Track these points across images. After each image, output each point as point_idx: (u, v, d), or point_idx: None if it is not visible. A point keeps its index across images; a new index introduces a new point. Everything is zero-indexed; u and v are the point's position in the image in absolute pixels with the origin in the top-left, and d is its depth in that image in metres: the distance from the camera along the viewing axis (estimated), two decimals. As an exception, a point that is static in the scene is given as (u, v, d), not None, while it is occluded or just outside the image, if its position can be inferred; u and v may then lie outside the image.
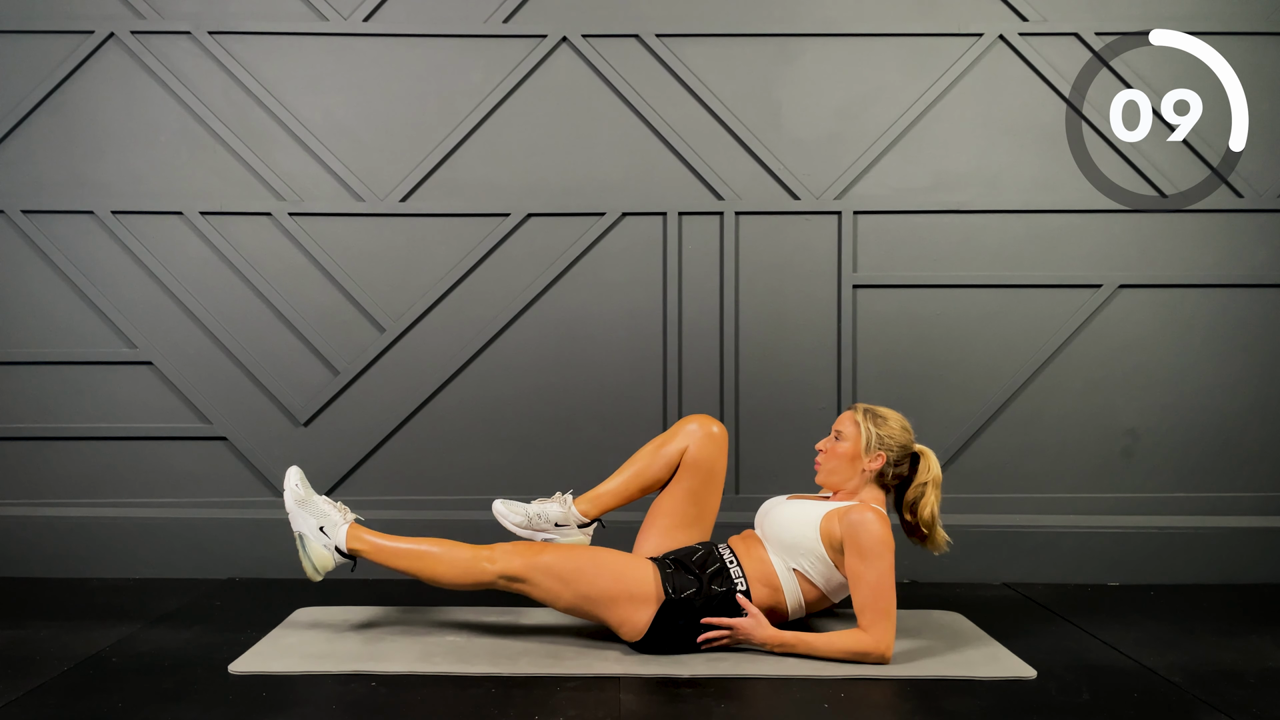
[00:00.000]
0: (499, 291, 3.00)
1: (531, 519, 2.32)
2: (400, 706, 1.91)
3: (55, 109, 2.97)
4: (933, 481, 2.27)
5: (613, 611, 2.19)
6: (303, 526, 2.31)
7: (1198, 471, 3.01)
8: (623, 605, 2.18)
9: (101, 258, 2.98)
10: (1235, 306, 3.01)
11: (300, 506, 2.32)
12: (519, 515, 2.32)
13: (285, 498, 2.34)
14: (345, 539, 2.29)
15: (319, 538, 2.29)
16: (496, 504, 2.34)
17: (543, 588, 2.20)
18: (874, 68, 3.01)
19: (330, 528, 2.30)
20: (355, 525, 2.32)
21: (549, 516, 2.33)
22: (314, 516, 2.31)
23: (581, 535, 2.35)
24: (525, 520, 2.32)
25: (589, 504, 2.35)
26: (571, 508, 2.34)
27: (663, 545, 2.35)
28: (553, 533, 2.32)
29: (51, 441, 2.98)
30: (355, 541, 2.29)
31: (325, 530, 2.30)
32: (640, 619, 2.18)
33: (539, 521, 2.32)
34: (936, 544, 2.29)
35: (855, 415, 2.30)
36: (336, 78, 2.99)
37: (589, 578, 2.19)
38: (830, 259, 3.01)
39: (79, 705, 1.91)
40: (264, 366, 2.99)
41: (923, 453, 2.30)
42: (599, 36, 3.00)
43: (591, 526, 2.36)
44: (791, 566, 2.23)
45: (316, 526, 2.30)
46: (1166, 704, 1.96)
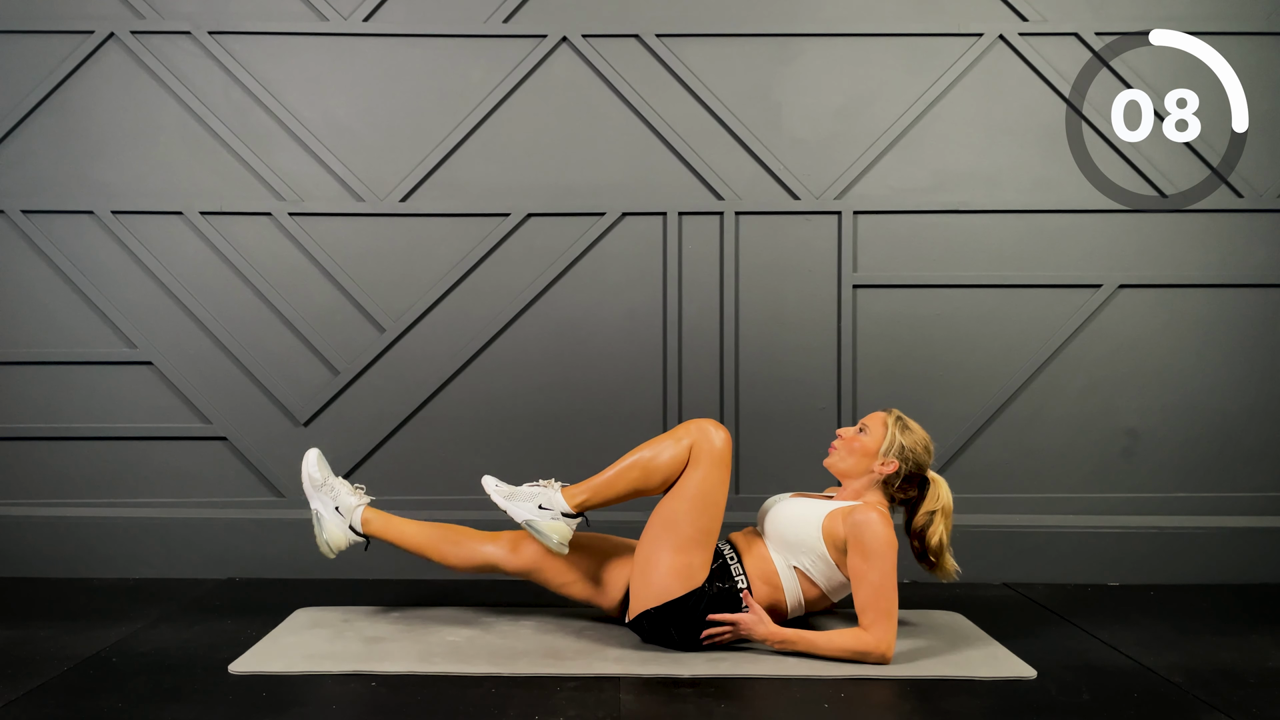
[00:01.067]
0: (499, 291, 3.00)
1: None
2: (400, 706, 1.91)
3: (55, 109, 2.97)
4: (941, 511, 2.27)
5: (672, 558, 2.18)
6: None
7: (1198, 471, 3.01)
8: (683, 563, 2.18)
9: (101, 258, 2.98)
10: (1235, 306, 3.01)
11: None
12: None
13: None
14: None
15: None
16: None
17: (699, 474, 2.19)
18: (874, 68, 3.01)
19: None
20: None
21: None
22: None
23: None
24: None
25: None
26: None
27: None
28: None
29: (51, 441, 2.98)
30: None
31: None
32: (674, 588, 2.18)
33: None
34: (945, 572, 2.29)
35: (887, 417, 2.30)
36: (336, 78, 2.99)
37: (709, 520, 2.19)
38: (830, 259, 3.01)
39: (79, 705, 1.91)
40: (264, 366, 2.99)
41: (934, 480, 2.29)
42: (599, 36, 3.00)
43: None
44: (792, 564, 2.23)
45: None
46: (1166, 704, 1.96)
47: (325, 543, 2.38)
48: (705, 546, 2.21)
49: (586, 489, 2.26)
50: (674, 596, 2.18)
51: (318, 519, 2.39)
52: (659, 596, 2.19)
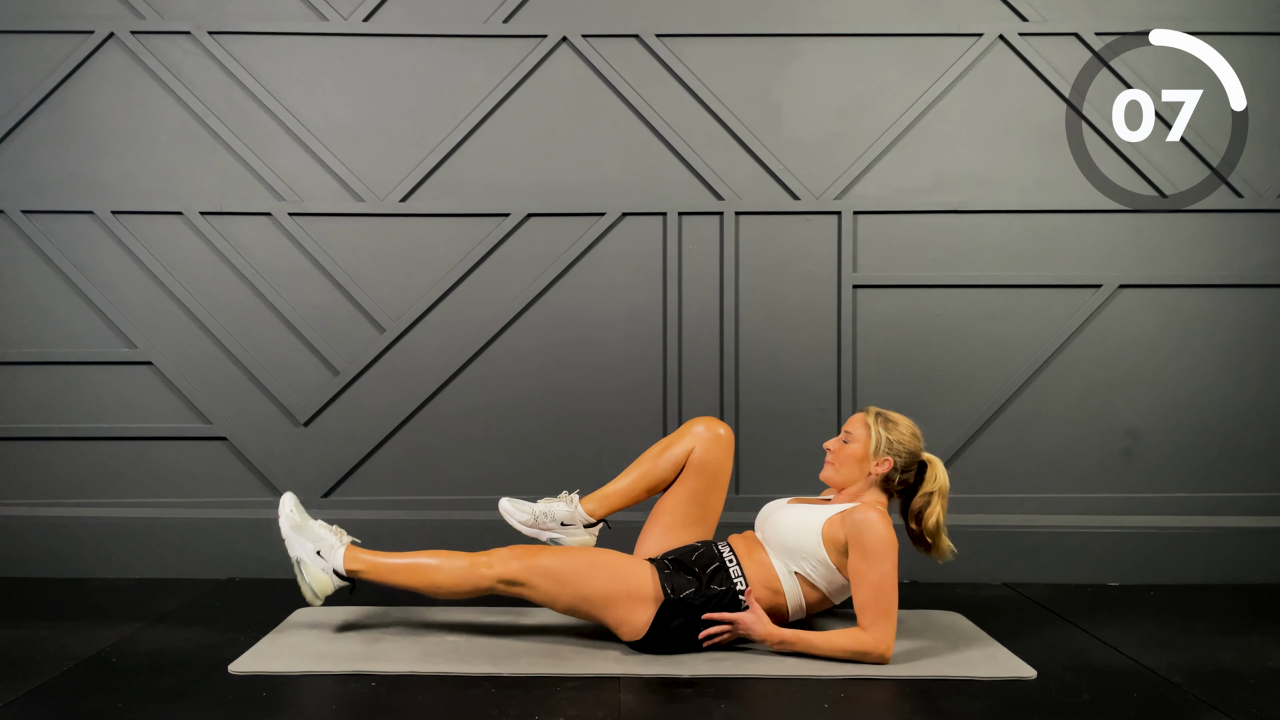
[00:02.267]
0: (499, 292, 3.00)
1: (538, 518, 2.34)
2: (400, 706, 1.91)
3: (55, 109, 2.97)
4: (939, 491, 2.27)
5: (611, 612, 2.19)
6: (299, 552, 2.29)
7: (1198, 471, 3.01)
8: (621, 605, 2.18)
9: (101, 258, 2.98)
10: (1235, 306, 3.01)
11: (296, 532, 2.30)
12: (525, 514, 2.34)
13: (281, 524, 2.31)
14: (343, 561, 2.27)
15: (316, 562, 2.28)
16: (503, 502, 2.36)
17: (541, 590, 2.20)
18: (874, 68, 3.01)
19: (327, 551, 2.28)
20: (352, 547, 2.30)
21: (555, 515, 2.35)
22: (310, 541, 2.29)
23: (587, 535, 2.36)
24: (531, 519, 2.34)
25: (596, 504, 2.36)
26: (578, 507, 2.35)
27: (664, 545, 2.36)
28: (559, 532, 2.33)
29: (51, 441, 2.98)
30: (353, 563, 2.27)
31: (322, 554, 2.28)
32: (639, 619, 2.18)
33: (545, 520, 2.34)
34: (941, 553, 2.29)
35: (866, 418, 2.30)
36: (336, 78, 2.99)
37: (586, 579, 2.19)
38: (830, 259, 3.01)
39: (79, 705, 1.91)
40: (264, 366, 2.99)
41: (930, 461, 2.30)
42: (599, 36, 3.00)
43: (597, 527, 2.38)
44: (793, 569, 2.23)
45: (314, 551, 2.28)
46: (1166, 704, 1.96)
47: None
48: (622, 577, 2.19)
49: (368, 562, 2.26)
50: (649, 621, 2.18)
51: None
52: (639, 630, 2.19)
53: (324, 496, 2.99)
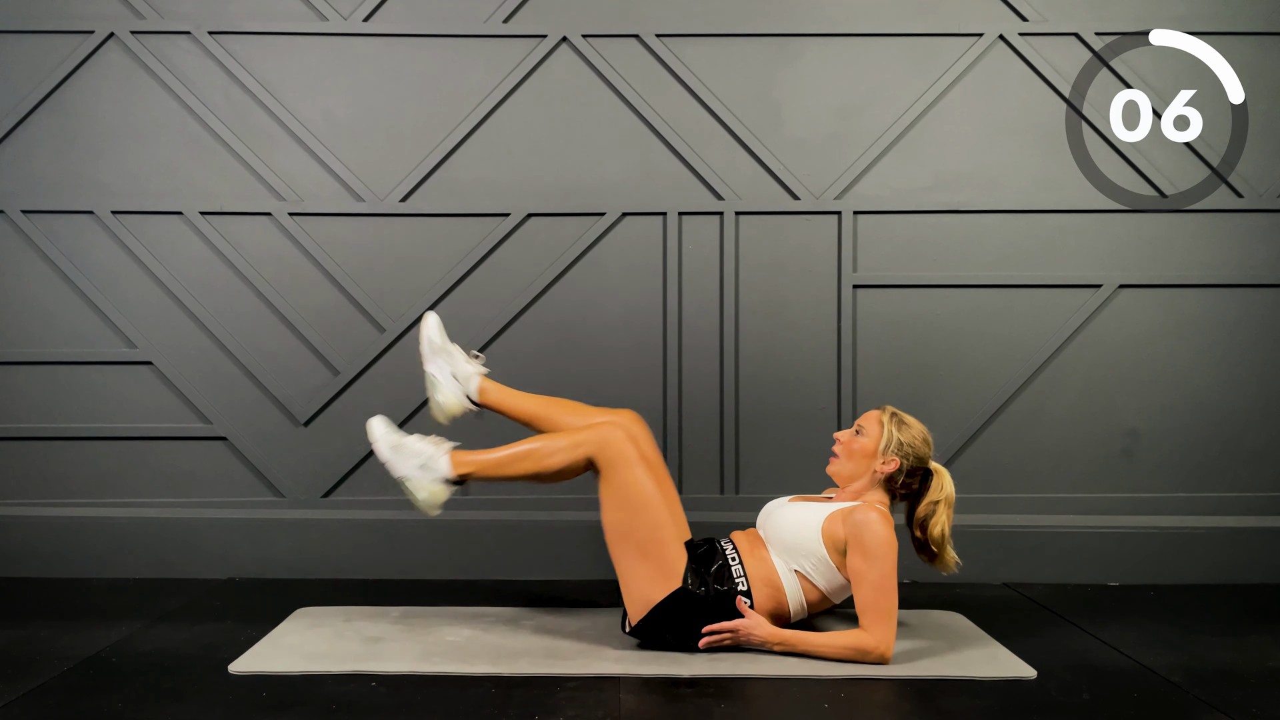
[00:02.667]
0: (499, 291, 3.00)
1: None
2: (400, 706, 1.91)
3: (55, 109, 2.97)
4: (945, 501, 2.26)
5: (640, 565, 2.18)
6: (403, 470, 2.26)
7: (1198, 471, 3.01)
8: (651, 566, 2.18)
9: (101, 258, 2.98)
10: (1235, 306, 3.01)
11: (395, 452, 2.27)
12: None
13: (377, 449, 2.28)
14: (450, 468, 2.26)
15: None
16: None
17: (618, 482, 2.18)
18: (874, 68, 3.01)
19: (430, 461, 2.26)
20: (455, 452, 2.28)
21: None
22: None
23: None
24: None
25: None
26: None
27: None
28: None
29: (51, 441, 2.98)
30: (461, 468, 2.25)
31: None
32: (654, 593, 2.18)
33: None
34: (946, 564, 2.28)
35: (881, 415, 2.30)
36: (336, 78, 2.99)
37: (651, 515, 2.18)
38: (830, 259, 3.01)
39: (79, 705, 1.91)
40: (264, 366, 2.99)
41: (937, 471, 2.29)
42: (599, 36, 3.00)
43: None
44: (793, 568, 2.23)
45: (417, 465, 2.27)
46: (1166, 704, 1.96)
47: (440, 406, 2.33)
48: (666, 543, 2.20)
49: (475, 462, 2.25)
50: (657, 600, 2.18)
51: (432, 383, 2.34)
52: (644, 605, 2.19)
53: (324, 496, 2.99)
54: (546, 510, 2.95)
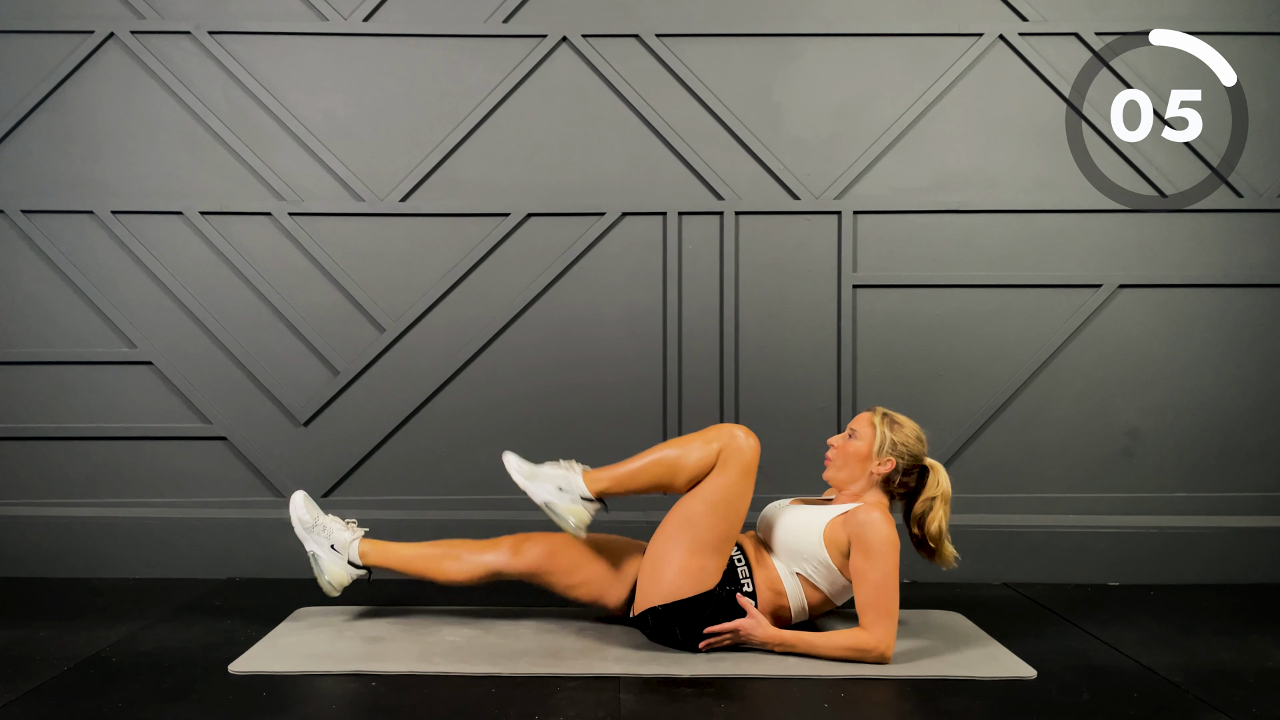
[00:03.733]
0: (499, 291, 3.00)
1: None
2: (400, 706, 1.91)
3: (55, 109, 2.97)
4: (941, 497, 2.27)
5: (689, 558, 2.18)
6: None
7: (1198, 471, 3.01)
8: (699, 564, 2.18)
9: (101, 258, 2.98)
10: (1235, 306, 3.01)
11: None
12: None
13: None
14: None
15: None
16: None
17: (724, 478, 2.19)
18: (874, 68, 3.01)
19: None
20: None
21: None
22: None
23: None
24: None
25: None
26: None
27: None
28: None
29: (51, 441, 2.98)
30: (596, 484, 2.25)
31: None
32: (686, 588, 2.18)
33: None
34: (944, 559, 2.28)
35: (873, 417, 2.30)
36: (336, 78, 2.99)
37: (729, 523, 2.19)
38: (830, 259, 3.01)
39: (79, 705, 1.91)
40: (264, 366, 2.99)
41: (933, 467, 2.30)
42: (599, 36, 3.00)
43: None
44: (795, 571, 2.24)
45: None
46: (1166, 704, 1.96)
47: (327, 582, 2.38)
48: (721, 552, 2.20)
49: (609, 477, 2.25)
50: (684, 596, 2.18)
51: (315, 560, 2.39)
52: (669, 595, 2.19)
53: (324, 496, 2.99)
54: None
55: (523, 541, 2.36)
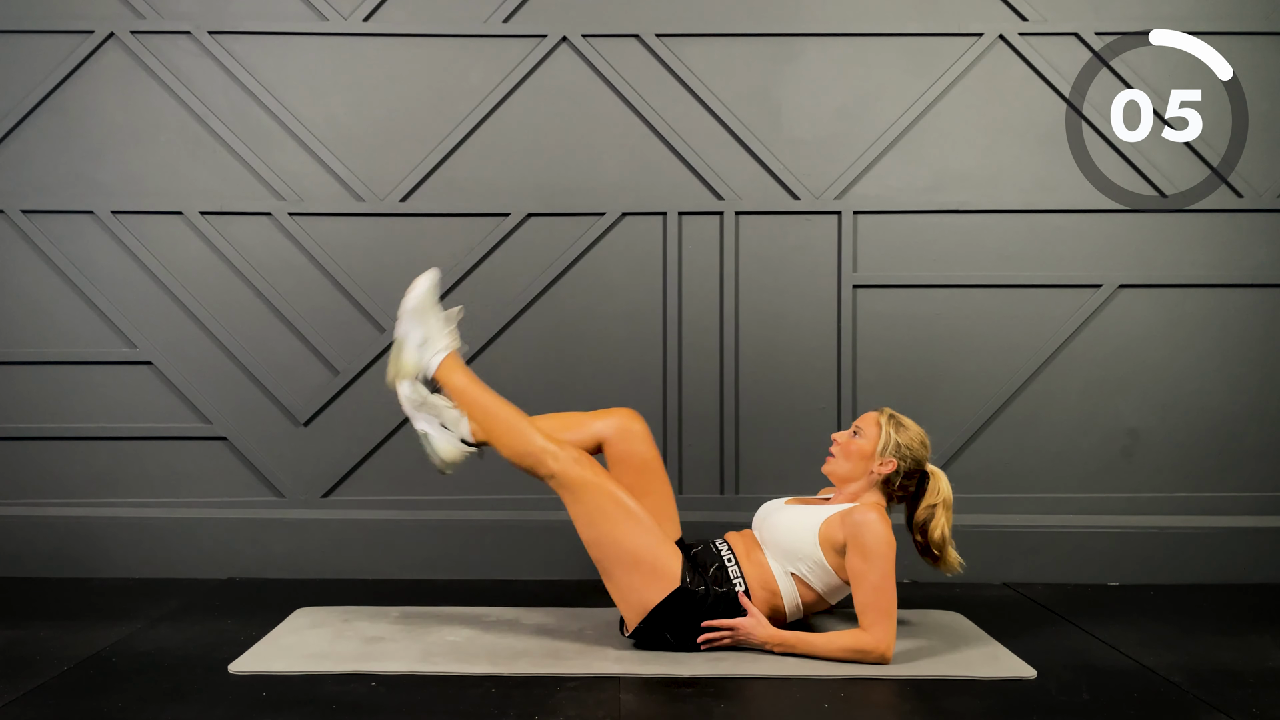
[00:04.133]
0: (499, 292, 3.00)
1: (427, 401, 2.32)
2: (400, 706, 1.91)
3: (55, 109, 2.97)
4: (942, 503, 2.26)
5: (629, 574, 2.17)
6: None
7: (1198, 471, 3.01)
8: (643, 573, 2.16)
9: (101, 258, 2.98)
10: (1235, 306, 3.01)
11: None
12: (419, 396, 2.32)
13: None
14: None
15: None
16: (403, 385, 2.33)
17: (584, 506, 2.19)
18: (874, 68, 3.01)
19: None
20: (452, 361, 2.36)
21: (442, 413, 2.32)
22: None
23: (455, 448, 2.32)
24: (420, 400, 2.32)
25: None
26: (466, 421, 2.31)
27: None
28: (433, 428, 2.31)
29: (51, 441, 2.98)
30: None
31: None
32: (649, 597, 2.16)
33: (429, 409, 2.32)
34: (949, 565, 2.28)
35: (879, 417, 2.30)
36: (336, 78, 2.99)
37: (630, 526, 2.17)
38: (830, 259, 3.01)
39: (79, 705, 1.91)
40: (264, 366, 2.99)
41: (934, 473, 2.29)
42: (599, 36, 3.00)
43: (475, 450, 2.33)
44: (789, 571, 2.23)
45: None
46: (1166, 704, 1.96)
47: (441, 460, 2.33)
48: (655, 545, 2.18)
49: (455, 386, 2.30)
50: (656, 602, 2.17)
51: (425, 439, 2.33)
52: (642, 609, 2.18)
53: (324, 496, 2.99)
54: (546, 510, 2.94)
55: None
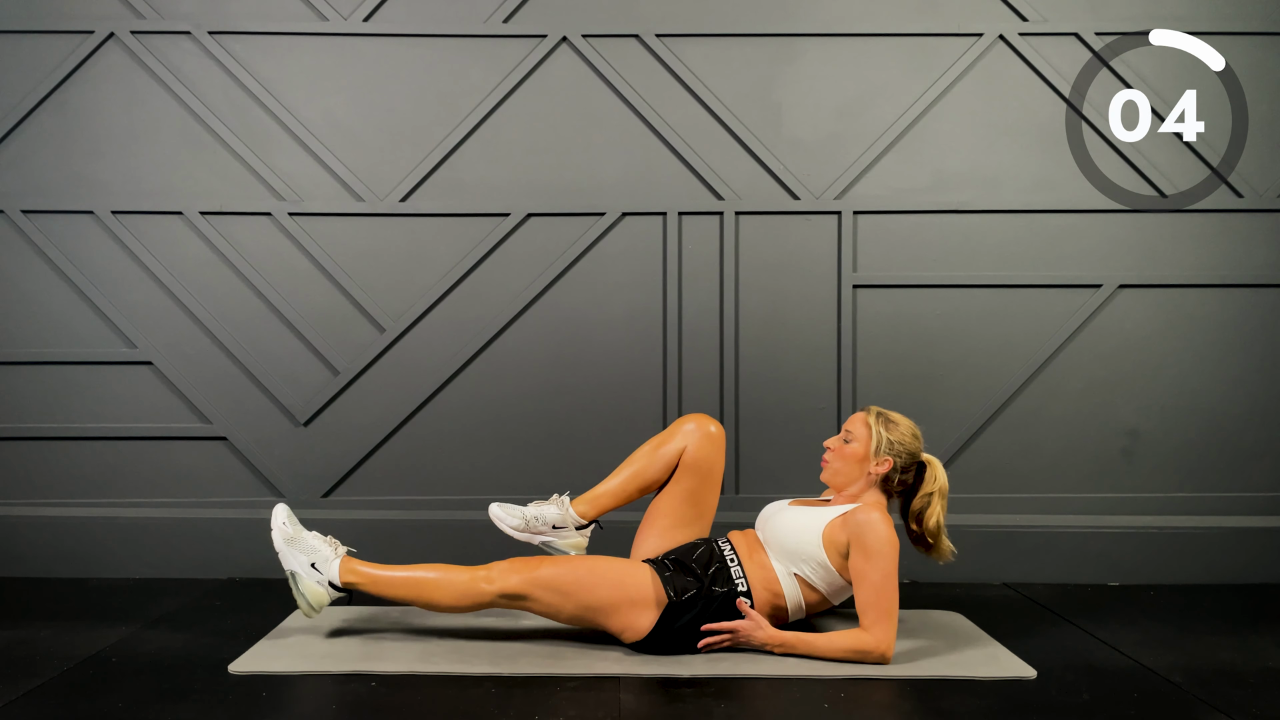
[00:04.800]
0: (499, 291, 3.00)
1: (529, 521, 2.32)
2: (400, 706, 1.91)
3: (55, 109, 2.97)
4: (939, 491, 2.27)
5: (615, 618, 2.19)
6: (294, 565, 2.26)
7: (1198, 471, 3.01)
8: (625, 612, 2.18)
9: (101, 258, 2.98)
10: (1235, 306, 3.01)
11: (290, 545, 2.27)
12: (516, 519, 2.32)
13: (274, 537, 2.28)
14: (339, 573, 2.25)
15: (311, 574, 2.25)
16: (493, 507, 2.34)
17: (543, 602, 2.19)
18: (874, 68, 3.01)
19: (322, 563, 2.26)
20: (348, 558, 2.28)
21: (546, 519, 2.33)
22: (304, 553, 2.27)
23: (579, 537, 2.35)
24: (523, 523, 2.32)
25: (587, 505, 2.34)
26: (569, 509, 2.34)
27: (661, 546, 2.35)
28: (550, 535, 2.32)
29: (51, 441, 2.98)
30: (349, 575, 2.24)
31: (317, 566, 2.26)
32: (642, 623, 2.18)
33: (536, 524, 2.32)
34: (942, 553, 2.29)
35: (867, 418, 2.30)
36: (336, 78, 2.99)
37: (589, 587, 2.18)
38: (830, 259, 3.01)
39: (79, 705, 1.91)
40: (264, 366, 2.99)
41: (930, 462, 2.30)
42: (599, 36, 3.00)
43: (590, 528, 2.36)
44: (793, 571, 2.23)
45: (308, 563, 2.26)
46: (1166, 704, 1.96)
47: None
48: (626, 583, 2.18)
49: (364, 575, 2.24)
50: (650, 627, 2.17)
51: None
52: (638, 633, 2.19)
53: (324, 496, 2.99)
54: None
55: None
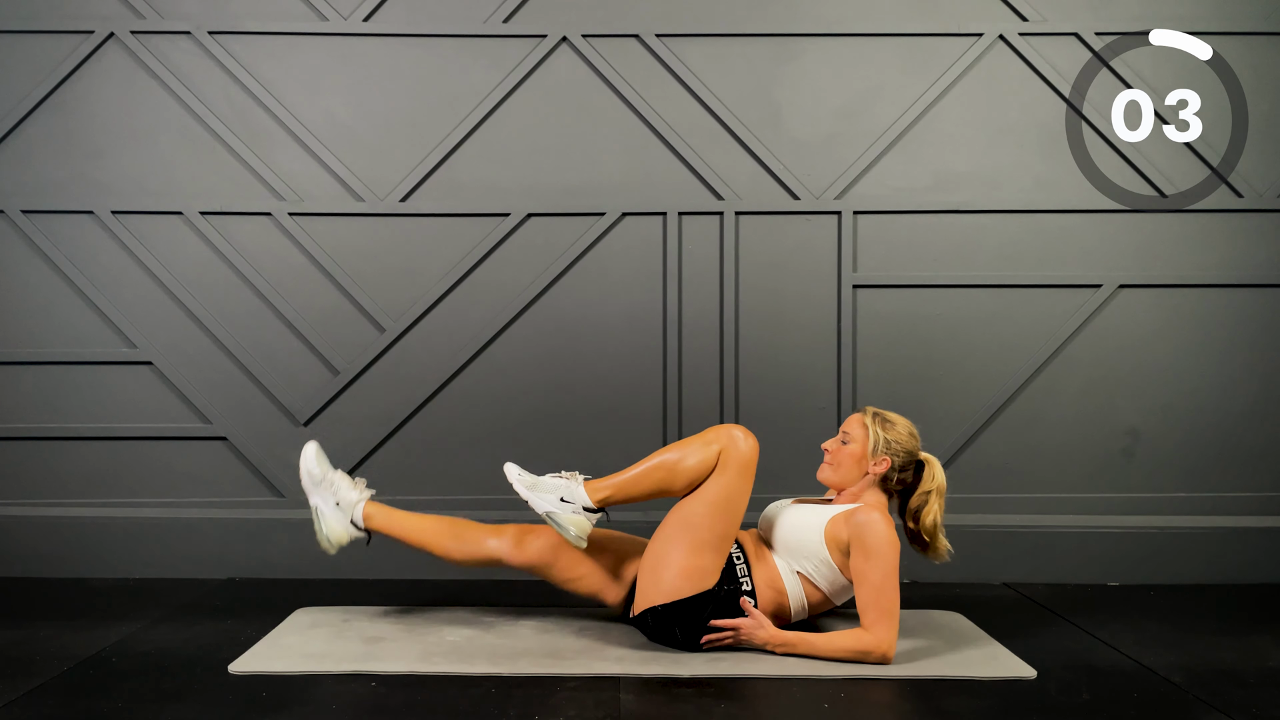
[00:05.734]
0: (499, 291, 3.00)
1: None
2: (400, 706, 1.91)
3: (55, 109, 2.97)
4: (936, 490, 2.27)
5: (689, 558, 2.17)
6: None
7: (1198, 471, 3.01)
8: (698, 564, 2.17)
9: (101, 258, 2.98)
10: (1235, 306, 3.01)
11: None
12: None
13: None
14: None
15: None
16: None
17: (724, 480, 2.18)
18: (874, 68, 3.01)
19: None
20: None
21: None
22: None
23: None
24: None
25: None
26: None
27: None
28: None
29: (51, 441, 2.98)
30: (598, 492, 2.22)
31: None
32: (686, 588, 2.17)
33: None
34: (938, 553, 2.29)
35: (864, 418, 2.30)
36: (336, 78, 2.99)
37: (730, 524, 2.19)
38: (830, 259, 3.01)
39: (79, 705, 1.91)
40: (264, 366, 2.99)
41: (928, 461, 2.30)
42: (599, 36, 3.00)
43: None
44: (796, 569, 2.24)
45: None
46: (1166, 704, 1.96)
47: (325, 538, 2.36)
48: (719, 551, 2.20)
49: (610, 485, 2.23)
50: (683, 596, 2.18)
51: (318, 514, 2.36)
52: (668, 595, 2.19)
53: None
54: (546, 510, 2.95)
55: (526, 533, 2.35)
